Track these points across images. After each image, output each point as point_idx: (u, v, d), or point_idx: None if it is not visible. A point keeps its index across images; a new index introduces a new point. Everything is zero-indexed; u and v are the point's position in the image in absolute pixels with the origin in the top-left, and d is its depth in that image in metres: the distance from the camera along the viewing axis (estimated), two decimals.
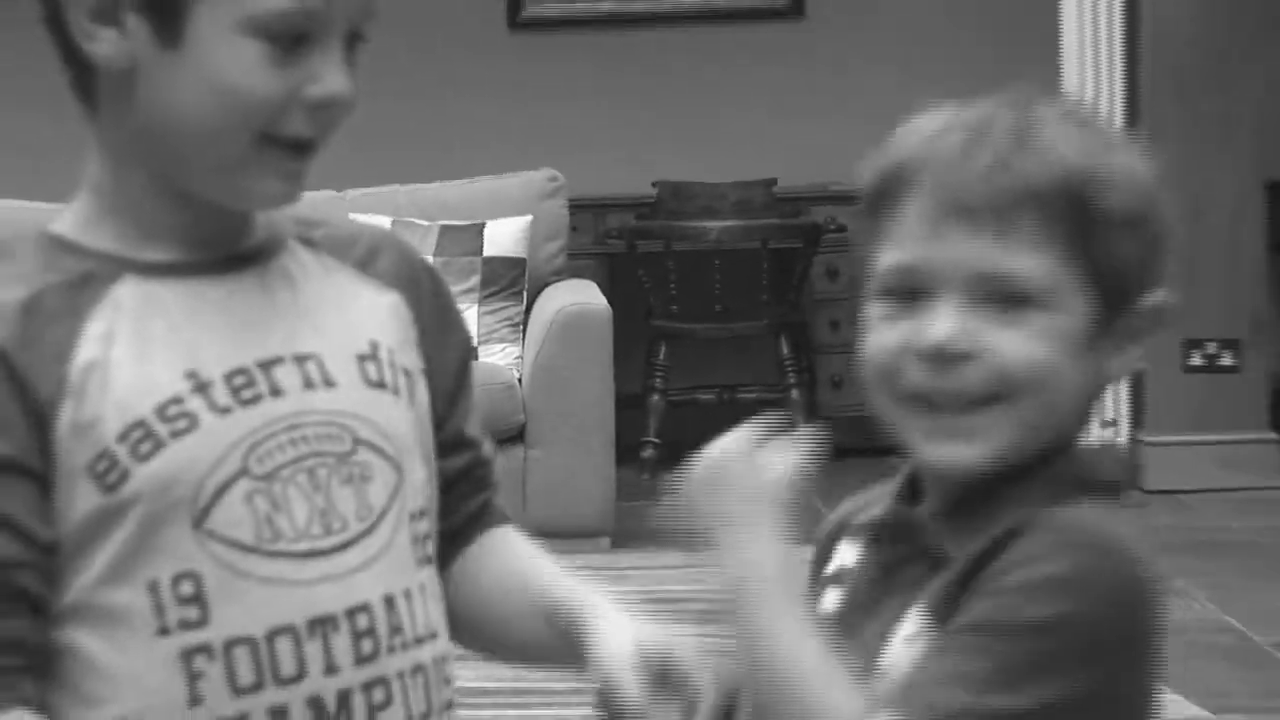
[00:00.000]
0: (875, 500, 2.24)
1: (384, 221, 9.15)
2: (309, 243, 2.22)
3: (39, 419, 2.00)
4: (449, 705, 2.21)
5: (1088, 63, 9.51)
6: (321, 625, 2.04)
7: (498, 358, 9.10)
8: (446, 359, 2.30)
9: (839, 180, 10.72)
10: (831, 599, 2.21)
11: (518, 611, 2.31)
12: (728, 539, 2.02)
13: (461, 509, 2.34)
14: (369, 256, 2.24)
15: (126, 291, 2.06)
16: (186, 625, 2.01)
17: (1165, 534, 8.68)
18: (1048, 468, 2.06)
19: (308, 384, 2.11)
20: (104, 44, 2.05)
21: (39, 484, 2.00)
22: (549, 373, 8.69)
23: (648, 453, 10.14)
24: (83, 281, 2.05)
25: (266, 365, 2.09)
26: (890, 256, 2.05)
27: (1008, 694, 1.88)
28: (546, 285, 9.25)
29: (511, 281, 9.21)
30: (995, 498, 2.04)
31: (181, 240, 2.11)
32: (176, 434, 2.02)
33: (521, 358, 8.94)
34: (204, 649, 2.02)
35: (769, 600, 1.99)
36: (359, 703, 2.08)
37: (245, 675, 2.02)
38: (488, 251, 9.23)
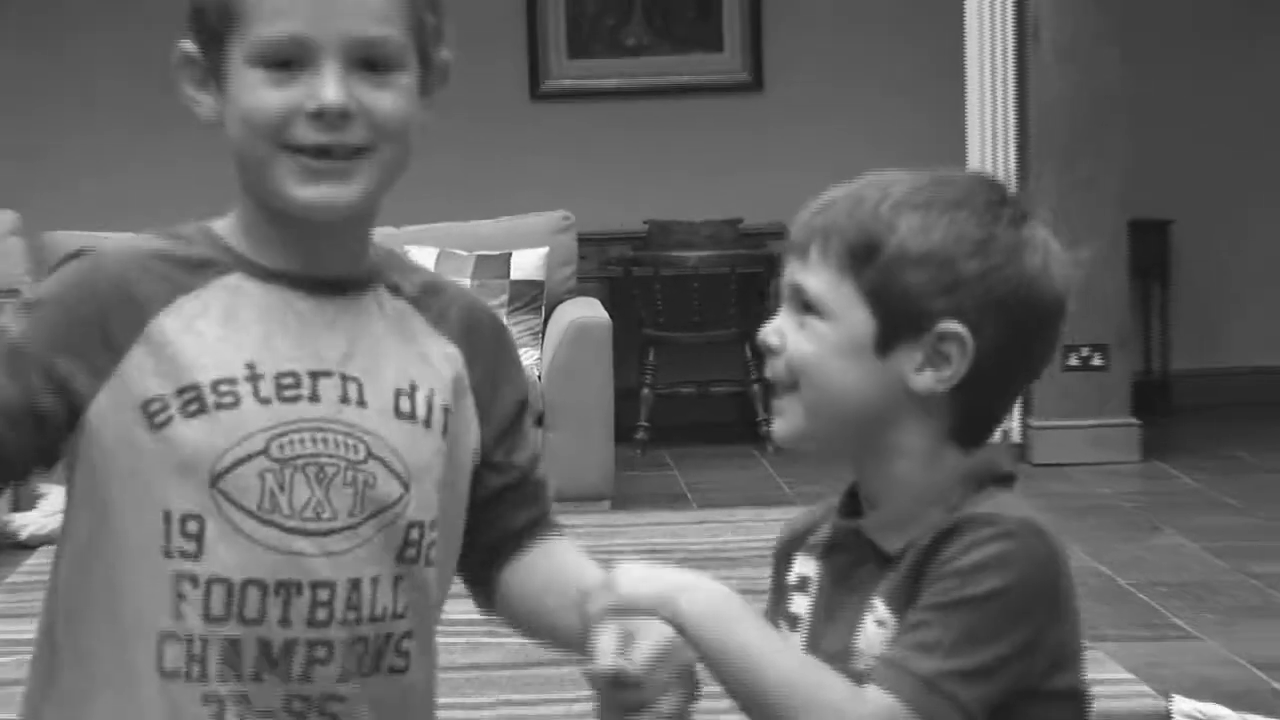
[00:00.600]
0: (820, 517, 2.17)
1: (430, 251, 9.09)
2: (396, 289, 2.16)
3: (103, 336, 2.02)
4: (391, 670, 2.12)
5: (988, 133, 9.50)
6: (286, 587, 2.02)
7: (526, 358, 8.95)
8: (500, 403, 2.23)
9: (791, 220, 10.89)
10: (800, 604, 2.13)
11: (560, 605, 2.21)
12: (670, 586, 1.96)
13: (510, 519, 2.28)
14: (443, 312, 2.17)
15: (231, 282, 2.06)
16: (184, 555, 2.01)
17: (1049, 499, 8.61)
18: (957, 471, 2.03)
19: (344, 399, 2.07)
20: (203, 107, 2.09)
21: (56, 392, 2.02)
22: (562, 372, 8.74)
23: (640, 435, 10.12)
24: (201, 264, 2.06)
25: (315, 374, 2.06)
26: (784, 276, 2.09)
27: (966, 655, 1.89)
28: (560, 302, 9.25)
29: (532, 299, 9.23)
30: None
31: (288, 255, 2.08)
32: (220, 406, 2.01)
33: (540, 359, 8.94)
34: (191, 577, 2.01)
35: (733, 619, 1.94)
36: (300, 653, 2.04)
37: (216, 608, 2.01)
38: (514, 276, 9.23)
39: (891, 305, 1.99)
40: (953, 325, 1.97)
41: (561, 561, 2.30)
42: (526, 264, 9.24)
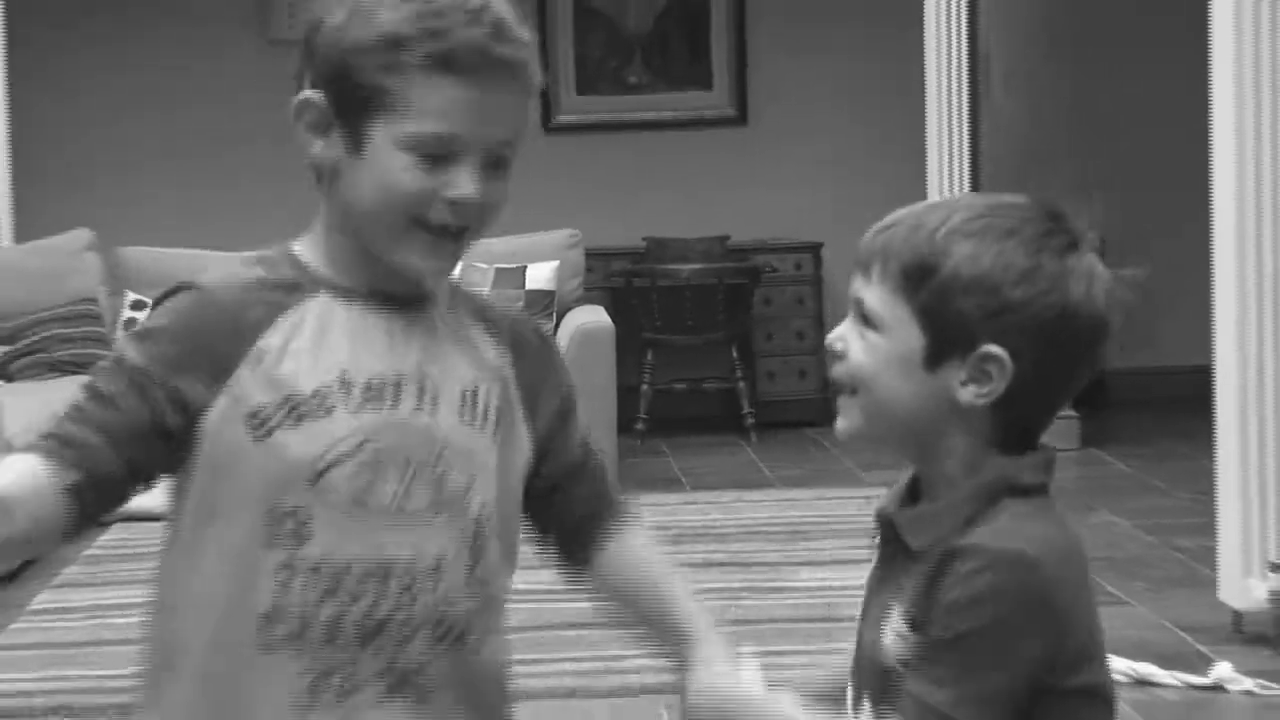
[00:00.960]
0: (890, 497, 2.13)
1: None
2: (452, 302, 2.16)
3: (214, 359, 2.01)
4: (467, 648, 2.12)
5: (945, 156, 9.48)
6: (377, 571, 2.03)
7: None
8: (545, 404, 2.24)
9: (774, 237, 10.91)
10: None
11: (643, 616, 2.27)
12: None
13: (574, 505, 2.27)
14: (493, 320, 2.17)
15: (318, 303, 2.05)
16: (287, 546, 2.01)
17: None
18: (978, 476, 2.00)
19: (418, 406, 2.06)
20: (318, 149, 2.05)
21: (169, 413, 2.01)
22: (570, 371, 8.60)
23: (639, 426, 10.08)
24: (292, 287, 2.05)
25: (396, 382, 2.05)
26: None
27: (974, 683, 1.89)
28: (569, 309, 9.27)
29: (545, 307, 9.23)
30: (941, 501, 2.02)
31: (364, 276, 2.08)
32: (318, 414, 2.02)
33: None
34: (292, 566, 2.02)
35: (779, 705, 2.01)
36: (391, 631, 2.04)
37: (314, 592, 2.02)
38: (529, 286, 9.29)
39: (941, 326, 1.98)
40: (994, 349, 1.96)
41: (641, 566, 2.29)
42: (539, 276, 9.27)
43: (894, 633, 1.99)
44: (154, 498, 7.02)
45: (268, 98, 10.88)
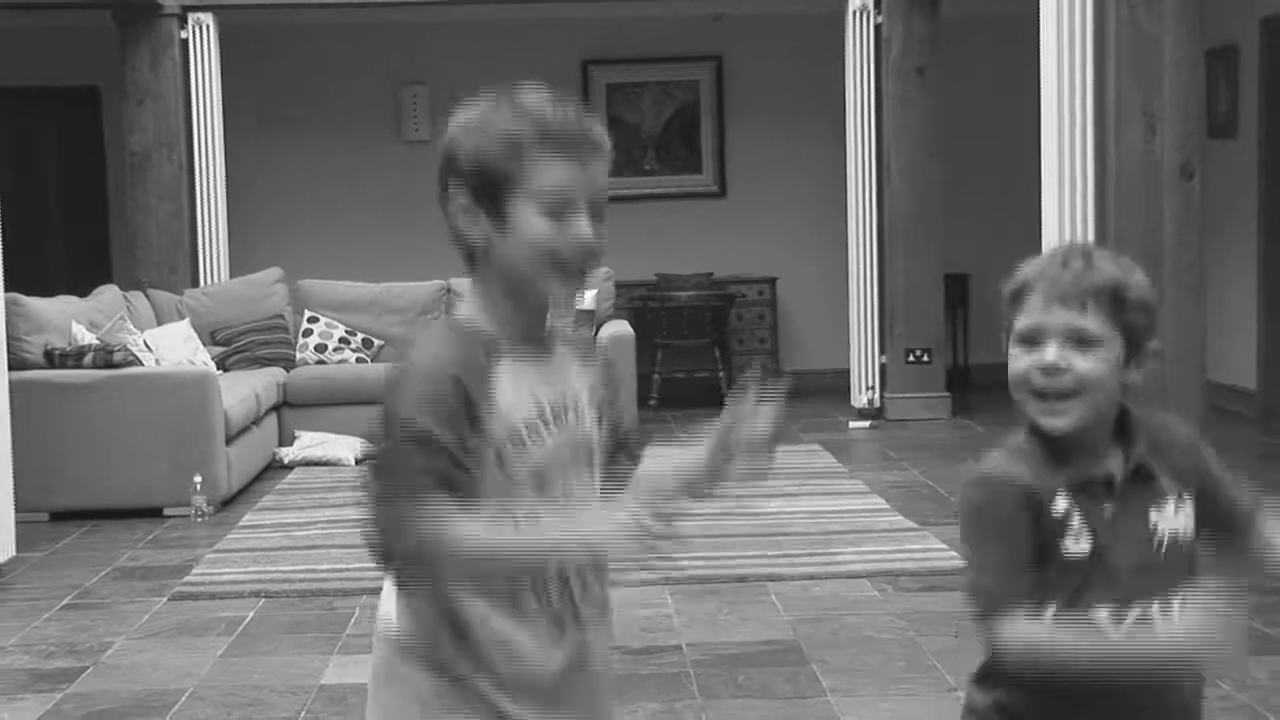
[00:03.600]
0: (1020, 470, 1.97)
1: None
2: (566, 341, 2.06)
3: (472, 418, 1.86)
4: (603, 587, 2.06)
5: (860, 224, 9.49)
6: None
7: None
8: (618, 407, 2.12)
9: (743, 273, 10.83)
10: (1083, 538, 1.93)
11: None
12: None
13: (626, 457, 2.12)
14: (586, 353, 2.08)
15: (506, 356, 1.94)
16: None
17: (899, 439, 8.71)
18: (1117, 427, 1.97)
19: (576, 420, 1.99)
20: (472, 233, 1.94)
21: (461, 441, 1.85)
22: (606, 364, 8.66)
23: (652, 402, 10.04)
24: (490, 346, 1.92)
25: (560, 406, 1.97)
26: (1021, 322, 1.97)
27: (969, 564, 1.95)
28: (604, 322, 9.15)
29: (589, 321, 9.09)
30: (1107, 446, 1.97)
31: (519, 328, 1.96)
32: (534, 439, 1.93)
33: None
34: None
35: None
36: (593, 583, 2.01)
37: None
38: (579, 308, 9.11)
39: (1135, 335, 1.95)
40: (1156, 343, 1.99)
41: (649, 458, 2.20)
42: (584, 300, 9.19)
43: (1178, 515, 1.96)
44: (325, 450, 6.88)
45: (399, 177, 10.95)
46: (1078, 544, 1.92)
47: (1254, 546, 1.99)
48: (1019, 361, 1.96)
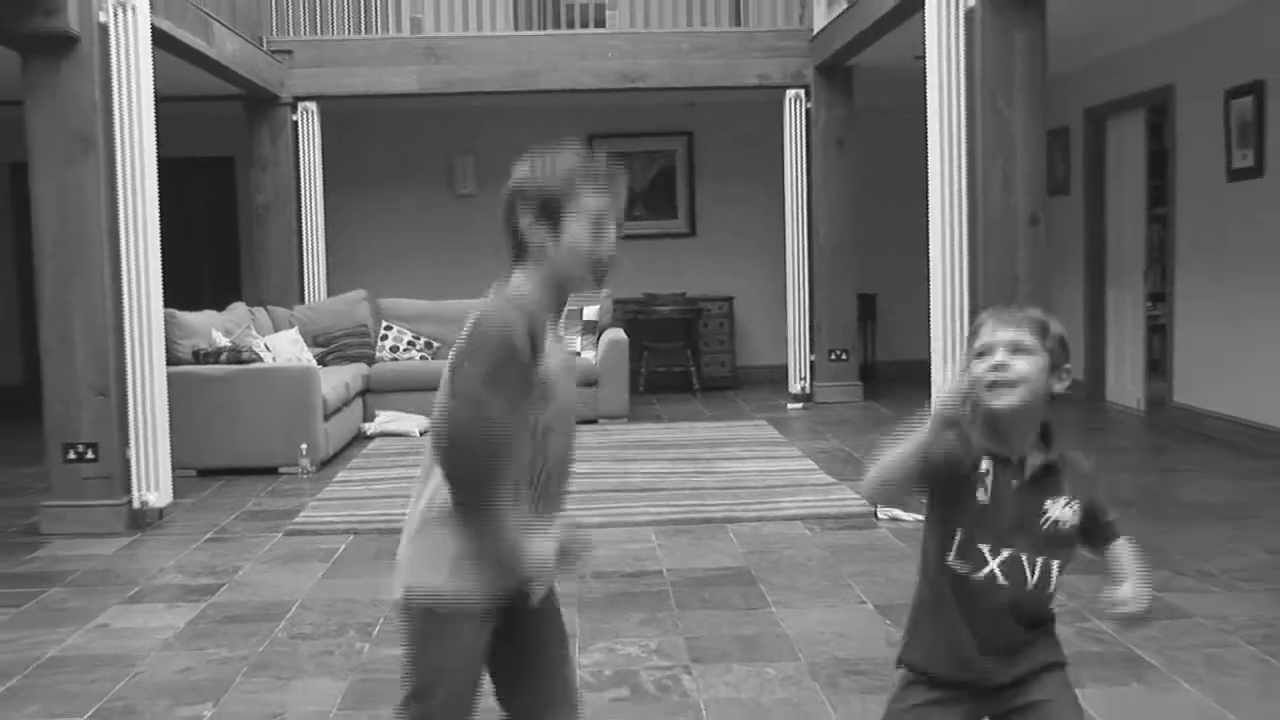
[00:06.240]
0: (961, 448, 1.96)
1: None
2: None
3: (526, 369, 1.86)
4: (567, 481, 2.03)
5: (794, 261, 9.45)
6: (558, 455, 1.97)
7: (589, 355, 8.85)
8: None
9: (709, 294, 10.76)
10: (988, 493, 1.96)
11: None
12: None
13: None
14: (587, 331, 2.01)
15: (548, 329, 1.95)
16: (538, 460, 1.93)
17: (825, 417, 8.59)
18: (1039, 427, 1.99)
19: (565, 387, 1.97)
20: (534, 236, 1.94)
21: (524, 378, 1.86)
22: (605, 360, 8.54)
23: (640, 389, 9.96)
24: (538, 318, 1.91)
25: (557, 374, 1.93)
26: (978, 342, 1.98)
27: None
28: (605, 330, 9.04)
29: (592, 328, 9.08)
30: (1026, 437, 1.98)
31: (554, 309, 1.97)
32: (546, 400, 1.92)
33: (597, 356, 8.69)
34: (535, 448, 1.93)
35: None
36: (553, 477, 1.98)
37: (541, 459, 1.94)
38: (585, 318, 9.09)
39: (1054, 355, 1.99)
40: (1069, 366, 2.00)
41: None
42: (590, 312, 9.17)
43: (1065, 510, 1.97)
44: (397, 424, 6.85)
45: (452, 222, 10.91)
46: (984, 496, 1.95)
47: (1107, 559, 2.04)
48: (977, 368, 1.97)
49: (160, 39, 6.38)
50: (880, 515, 5.46)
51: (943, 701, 1.99)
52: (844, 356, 9.42)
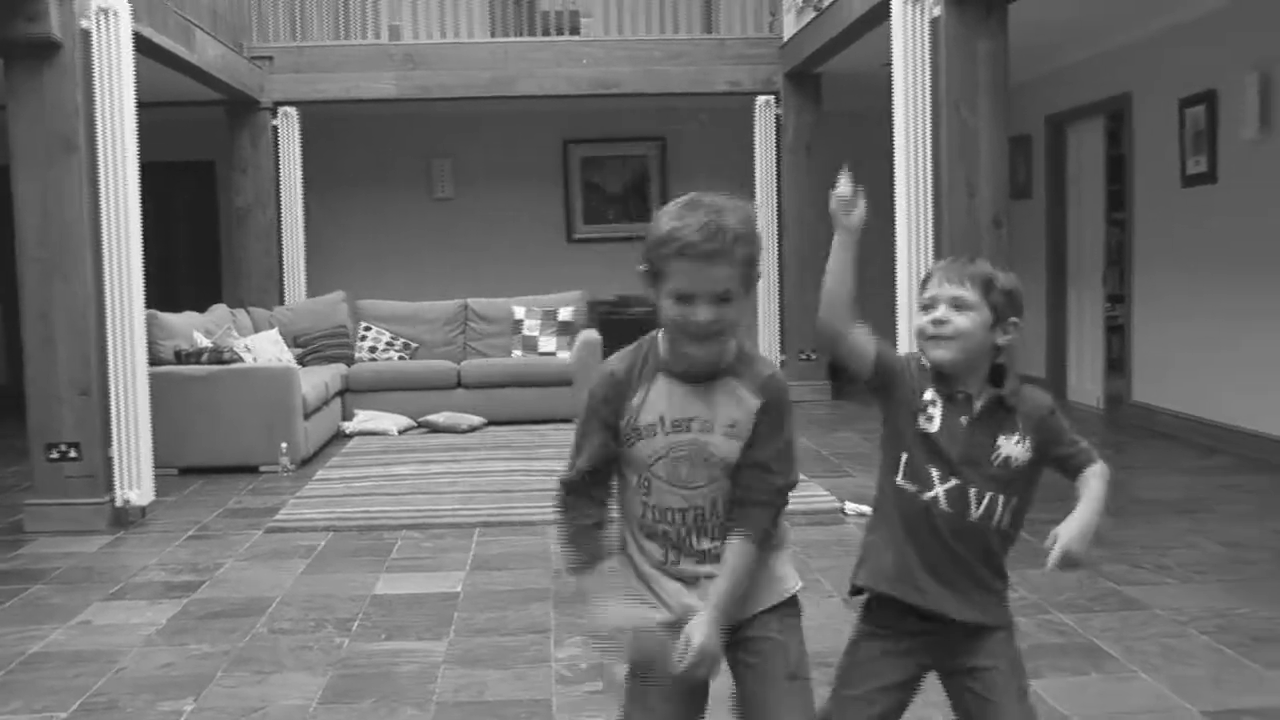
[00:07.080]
0: (922, 380, 2.02)
1: (521, 308, 9.08)
2: (737, 374, 1.96)
3: (617, 411, 1.93)
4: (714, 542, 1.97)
5: (767, 253, 9.49)
6: (682, 510, 1.92)
7: (563, 355, 8.84)
8: (771, 437, 1.96)
9: None
10: (933, 424, 1.99)
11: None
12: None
13: (741, 483, 1.97)
14: (756, 382, 1.93)
15: (661, 377, 1.94)
16: (644, 494, 1.95)
17: (795, 415, 8.74)
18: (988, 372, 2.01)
19: (702, 431, 1.92)
20: (650, 295, 1.92)
21: (611, 435, 1.93)
22: (580, 361, 8.47)
23: None
24: (646, 367, 1.95)
25: (688, 419, 1.92)
26: (924, 294, 2.03)
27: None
28: (579, 331, 9.03)
29: (567, 329, 9.05)
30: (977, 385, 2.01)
31: (682, 364, 1.94)
32: (650, 434, 1.92)
33: (569, 356, 8.67)
34: (645, 503, 1.95)
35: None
36: (683, 536, 1.97)
37: (654, 516, 1.93)
38: (560, 319, 9.07)
39: (999, 310, 2.00)
40: (1018, 319, 2.01)
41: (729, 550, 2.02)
42: (565, 313, 9.16)
43: (1017, 446, 1.97)
44: (375, 423, 6.84)
45: (430, 224, 10.89)
46: (929, 425, 1.99)
47: (1076, 487, 2.01)
48: (920, 319, 2.01)
49: (142, 45, 6.37)
50: (848, 511, 5.49)
51: (894, 653, 2.01)
52: (813, 357, 9.44)
